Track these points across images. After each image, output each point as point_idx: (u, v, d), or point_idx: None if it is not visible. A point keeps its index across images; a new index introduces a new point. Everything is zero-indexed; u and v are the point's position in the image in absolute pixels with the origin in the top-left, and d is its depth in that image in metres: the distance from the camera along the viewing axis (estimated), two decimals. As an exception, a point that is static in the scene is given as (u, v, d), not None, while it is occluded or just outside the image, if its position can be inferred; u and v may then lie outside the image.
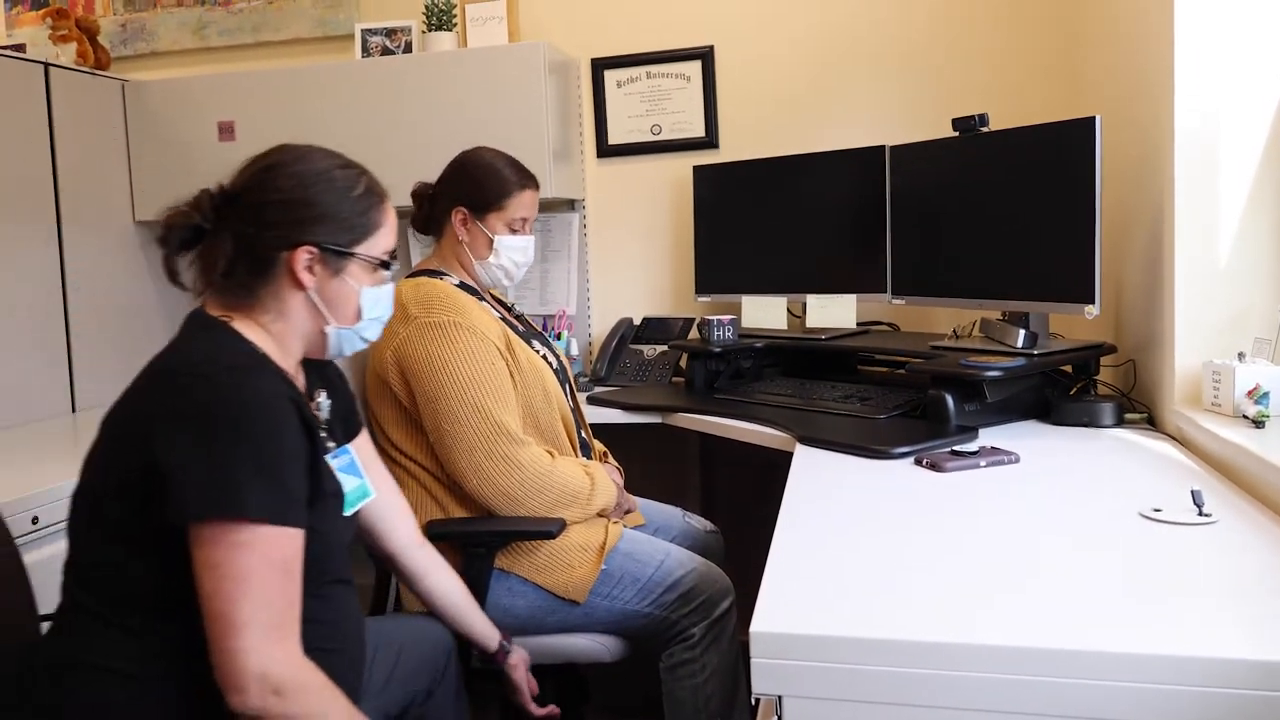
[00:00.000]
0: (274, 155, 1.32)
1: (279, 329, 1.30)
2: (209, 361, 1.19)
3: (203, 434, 1.12)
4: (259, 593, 1.10)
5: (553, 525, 1.75)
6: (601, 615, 1.79)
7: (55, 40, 2.93)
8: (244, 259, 1.26)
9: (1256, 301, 1.78)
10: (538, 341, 2.01)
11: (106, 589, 1.18)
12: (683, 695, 1.77)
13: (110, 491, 1.17)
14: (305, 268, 1.28)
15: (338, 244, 1.30)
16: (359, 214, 1.33)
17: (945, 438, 1.78)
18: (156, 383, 1.20)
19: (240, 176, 1.30)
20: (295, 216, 1.27)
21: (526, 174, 2.02)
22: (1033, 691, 0.93)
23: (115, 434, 1.21)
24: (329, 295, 1.31)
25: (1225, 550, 1.19)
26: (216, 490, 1.10)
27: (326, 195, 1.30)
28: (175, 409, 1.14)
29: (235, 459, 1.11)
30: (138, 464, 1.13)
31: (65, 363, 2.65)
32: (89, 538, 1.21)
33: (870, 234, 2.40)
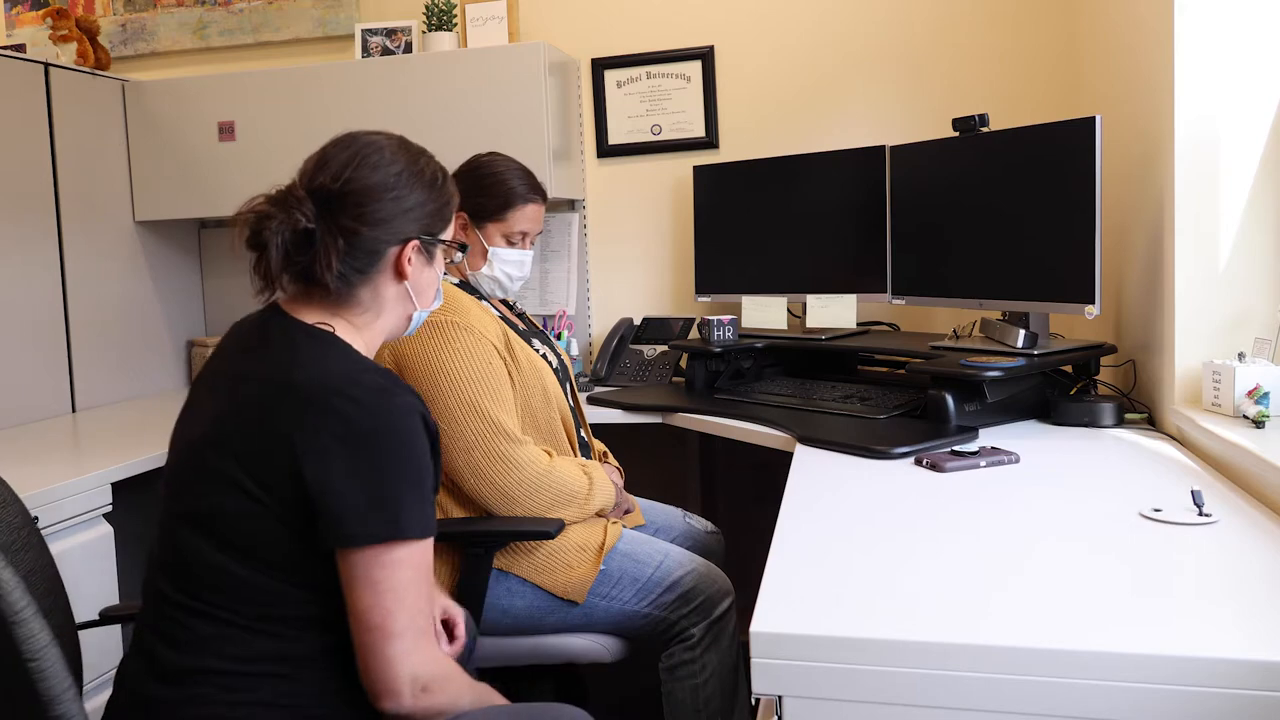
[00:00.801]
0: (366, 152, 1.29)
1: (373, 325, 1.32)
2: (352, 383, 1.18)
3: (356, 459, 1.14)
4: (412, 602, 1.16)
5: (551, 525, 1.75)
6: (600, 615, 1.78)
7: (55, 40, 2.94)
8: (354, 257, 1.26)
9: (1256, 301, 1.78)
10: (538, 340, 2.01)
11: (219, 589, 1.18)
12: (682, 696, 1.77)
13: (241, 511, 1.16)
14: (408, 260, 1.30)
15: (434, 233, 1.34)
16: (444, 202, 1.36)
17: (945, 438, 1.78)
18: (290, 401, 1.17)
19: (330, 171, 1.27)
20: (401, 211, 1.29)
21: (534, 187, 2.00)
22: (1032, 691, 0.93)
23: (239, 452, 1.16)
24: (419, 282, 1.35)
25: (1225, 550, 1.19)
26: (375, 515, 1.14)
27: (422, 187, 1.32)
28: (325, 432, 1.14)
29: (389, 481, 1.15)
30: (280, 486, 1.14)
31: (65, 363, 2.65)
32: (207, 548, 1.18)
33: (870, 234, 2.40)
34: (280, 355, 1.23)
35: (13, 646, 1.02)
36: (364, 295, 1.30)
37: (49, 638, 1.04)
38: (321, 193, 1.26)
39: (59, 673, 1.04)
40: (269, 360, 1.23)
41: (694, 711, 1.77)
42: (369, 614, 1.14)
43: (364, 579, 1.14)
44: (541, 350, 1.97)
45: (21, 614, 1.02)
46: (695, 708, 1.77)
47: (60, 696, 1.05)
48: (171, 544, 1.21)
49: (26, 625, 1.02)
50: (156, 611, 1.21)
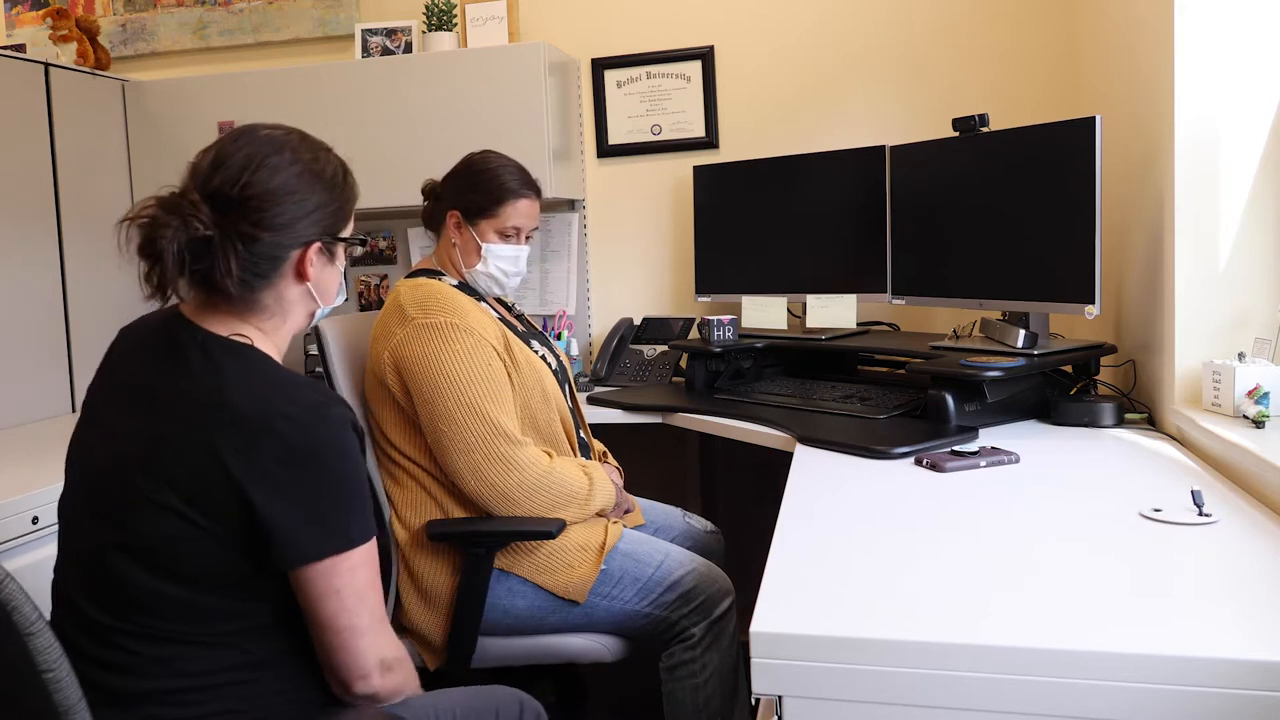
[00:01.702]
0: (264, 153, 1.24)
1: (280, 329, 1.29)
2: (288, 402, 1.16)
3: (301, 481, 1.14)
4: (371, 597, 1.21)
5: (552, 525, 1.75)
6: (601, 615, 1.78)
7: (55, 40, 2.94)
8: (255, 261, 1.22)
9: (1256, 302, 1.78)
10: (537, 341, 2.01)
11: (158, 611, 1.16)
12: (682, 695, 1.77)
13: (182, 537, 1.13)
14: (310, 262, 1.27)
15: (335, 233, 1.30)
16: (345, 200, 1.32)
17: (945, 438, 1.78)
18: (226, 427, 1.13)
19: (226, 173, 1.22)
20: (303, 214, 1.24)
21: (526, 182, 1.99)
22: (1032, 691, 0.93)
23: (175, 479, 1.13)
24: (322, 282, 1.31)
25: (1225, 550, 1.19)
26: (326, 533, 1.16)
27: (323, 188, 1.27)
28: (267, 458, 1.13)
29: (334, 498, 1.17)
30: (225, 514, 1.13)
31: (65, 363, 2.65)
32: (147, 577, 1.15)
33: (870, 234, 2.40)
34: (205, 374, 1.18)
35: (28, 658, 1.01)
36: (268, 299, 1.26)
37: (61, 649, 1.04)
38: (218, 197, 1.21)
39: (72, 683, 1.04)
40: (193, 379, 1.18)
41: (694, 711, 1.77)
42: (335, 619, 1.18)
43: (324, 591, 1.17)
44: (540, 352, 1.97)
45: (35, 625, 1.02)
46: (695, 707, 1.77)
47: (74, 707, 1.04)
48: (102, 574, 1.16)
49: (41, 637, 1.02)
50: (92, 640, 1.17)
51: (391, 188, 2.74)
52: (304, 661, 1.23)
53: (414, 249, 3.02)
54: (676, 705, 1.78)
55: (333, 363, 1.92)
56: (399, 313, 1.80)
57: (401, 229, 3.06)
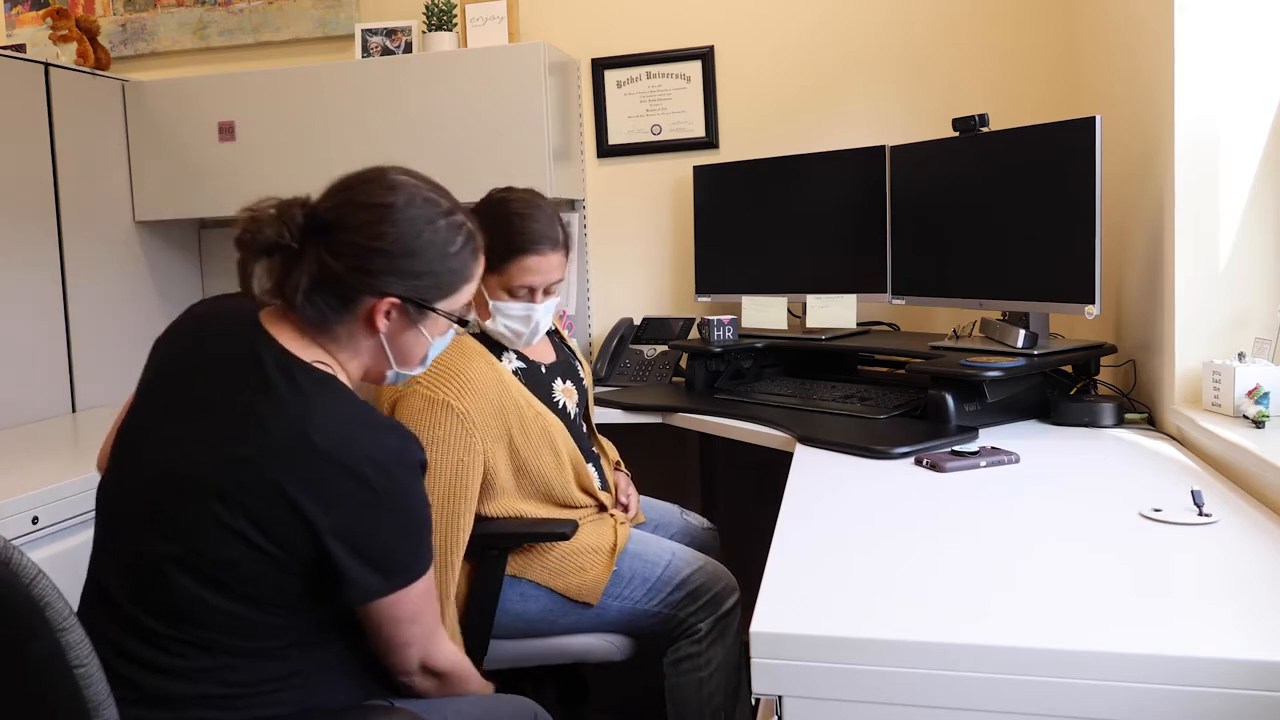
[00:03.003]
0: (379, 190, 1.23)
1: (349, 365, 1.27)
2: (373, 446, 1.16)
3: (378, 525, 1.16)
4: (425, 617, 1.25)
5: (566, 527, 1.75)
6: (613, 615, 1.79)
7: (55, 40, 2.94)
8: (325, 290, 1.21)
9: (1256, 302, 1.78)
10: (561, 378, 1.91)
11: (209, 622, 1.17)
12: (686, 690, 1.78)
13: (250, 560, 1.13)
14: (383, 315, 1.24)
15: (424, 299, 1.26)
16: (452, 271, 1.28)
17: (945, 438, 1.78)
18: (313, 468, 1.13)
19: (334, 202, 1.23)
20: (390, 267, 1.22)
21: (537, 235, 1.77)
22: (1032, 691, 0.93)
23: (253, 510, 1.13)
24: (399, 342, 1.28)
25: (1225, 550, 1.19)
26: (396, 572, 1.19)
27: (428, 251, 1.24)
28: (349, 501, 1.14)
29: (406, 539, 1.20)
30: (299, 548, 1.13)
31: (65, 363, 2.66)
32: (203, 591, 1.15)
33: (870, 234, 2.40)
34: (293, 405, 1.16)
35: (61, 654, 1.02)
36: (340, 333, 1.24)
37: (90, 646, 1.04)
38: (317, 217, 1.22)
39: (101, 680, 1.04)
40: (281, 409, 1.16)
41: (697, 706, 1.77)
42: (391, 638, 1.24)
43: (384, 619, 1.21)
44: (559, 399, 1.87)
45: (67, 621, 1.02)
46: (699, 701, 1.77)
47: (104, 703, 1.05)
48: (155, 581, 1.16)
49: (74, 632, 1.02)
50: (138, 637, 1.17)
51: (391, 188, 2.73)
52: (341, 670, 1.25)
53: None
54: (680, 699, 1.78)
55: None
56: None
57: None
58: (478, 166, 2.66)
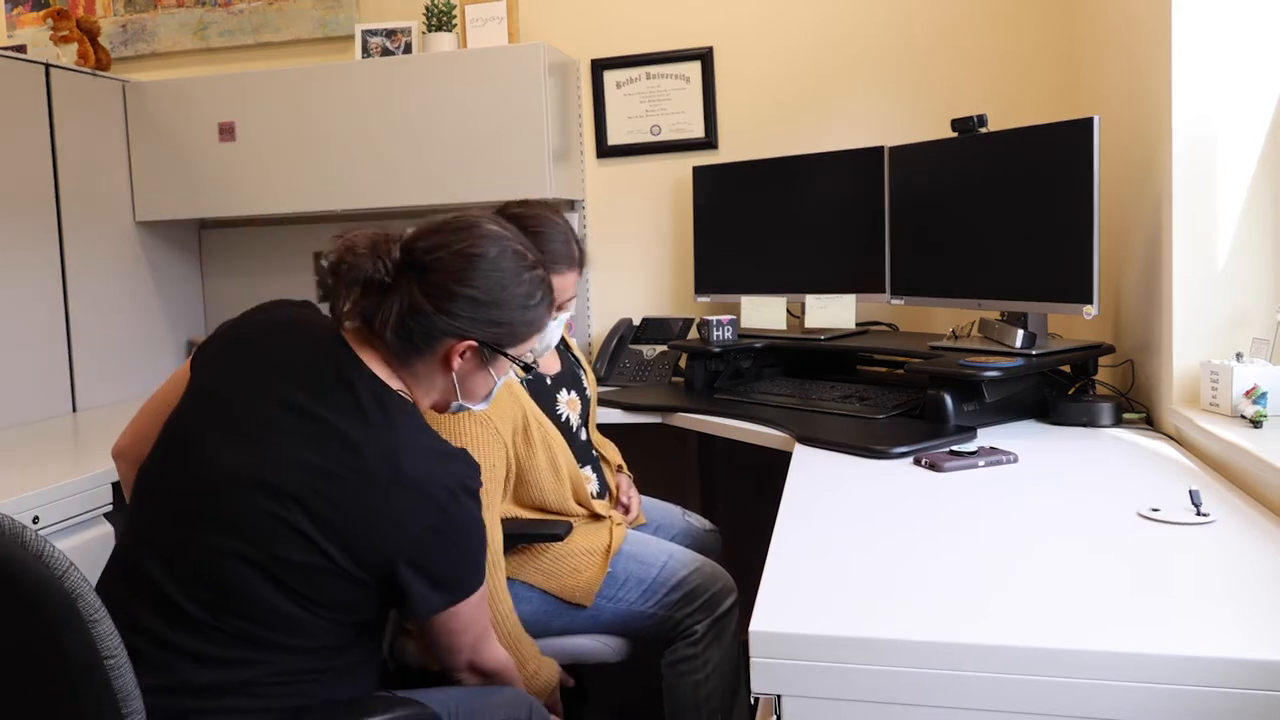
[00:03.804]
0: (470, 238, 1.30)
1: (422, 396, 1.34)
2: (447, 475, 1.23)
3: (446, 550, 1.23)
4: (475, 626, 1.34)
5: (560, 528, 1.75)
6: (607, 617, 1.79)
7: (56, 41, 2.94)
8: (411, 327, 1.27)
9: (1254, 302, 1.78)
10: (566, 388, 1.92)
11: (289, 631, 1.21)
12: (683, 692, 1.78)
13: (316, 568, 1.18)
14: (460, 356, 1.30)
15: (499, 344, 1.33)
16: (529, 323, 1.35)
17: (944, 437, 1.79)
18: (397, 494, 1.19)
19: (429, 243, 1.29)
20: (476, 313, 1.28)
21: (556, 255, 1.77)
22: (1031, 691, 0.93)
23: (330, 523, 1.17)
24: (469, 381, 1.35)
25: (1223, 550, 1.19)
26: (455, 589, 1.27)
27: (511, 302, 1.31)
28: (422, 527, 1.20)
29: (467, 560, 1.28)
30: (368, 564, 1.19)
31: (65, 363, 2.66)
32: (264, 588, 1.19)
33: (869, 234, 2.41)
34: (381, 427, 1.22)
35: (91, 645, 1.04)
36: (419, 367, 1.31)
37: (119, 637, 1.06)
38: (413, 256, 1.28)
39: (129, 669, 1.06)
40: (370, 430, 1.22)
41: (695, 707, 1.77)
42: (449, 644, 1.34)
43: (444, 629, 1.31)
44: (563, 412, 1.88)
45: (98, 613, 1.04)
46: (696, 703, 1.77)
47: (131, 693, 1.06)
48: (210, 574, 1.19)
49: (104, 623, 1.04)
50: (170, 622, 1.19)
51: (391, 188, 2.74)
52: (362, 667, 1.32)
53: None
54: (677, 701, 1.78)
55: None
56: None
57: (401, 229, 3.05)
58: (478, 167, 2.66)
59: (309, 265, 3.15)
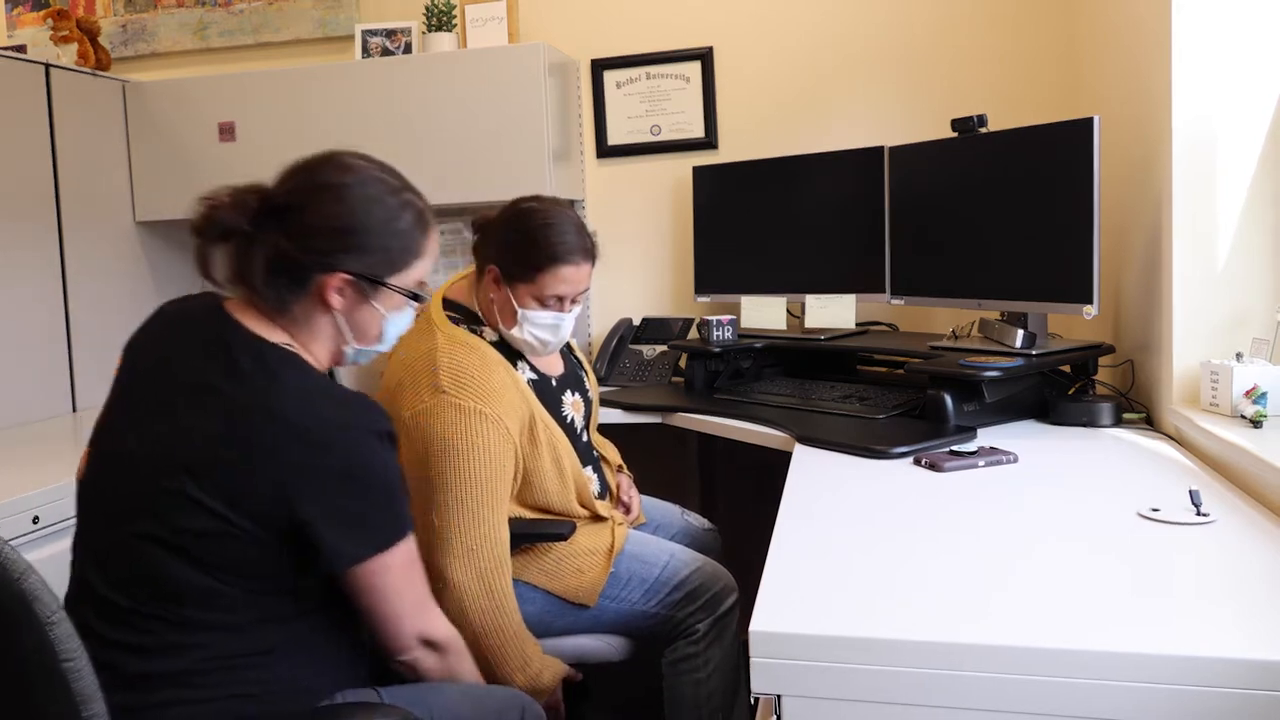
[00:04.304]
0: (327, 171, 1.28)
1: (315, 347, 1.32)
2: (340, 415, 1.21)
3: (347, 493, 1.20)
4: (409, 588, 1.28)
5: (563, 528, 1.75)
6: (610, 617, 1.79)
7: (56, 41, 2.94)
8: (280, 271, 1.26)
9: (1254, 302, 1.78)
10: (569, 390, 1.92)
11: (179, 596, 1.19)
12: (684, 691, 1.78)
13: (223, 535, 1.17)
14: (336, 291, 1.28)
15: (374, 274, 1.30)
16: (401, 246, 1.31)
17: (944, 437, 1.79)
18: (282, 440, 1.17)
19: (288, 186, 1.28)
20: (339, 244, 1.26)
21: (570, 248, 1.78)
22: (1031, 691, 0.93)
23: (224, 485, 1.16)
24: (354, 318, 1.32)
25: (1223, 550, 1.19)
26: (368, 538, 1.23)
27: (374, 225, 1.28)
28: (319, 471, 1.18)
29: (375, 505, 1.23)
30: (272, 520, 1.17)
31: (65, 363, 2.66)
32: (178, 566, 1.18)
33: (869, 234, 2.41)
34: (261, 382, 1.21)
35: (50, 648, 1.02)
36: (298, 313, 1.29)
37: (79, 639, 1.05)
38: (270, 201, 1.26)
39: (90, 673, 1.05)
40: (249, 386, 1.20)
41: (695, 706, 1.77)
42: (378, 609, 1.26)
43: (366, 587, 1.24)
44: (568, 415, 1.88)
45: (56, 615, 1.03)
46: (697, 702, 1.77)
47: (93, 696, 1.05)
48: (129, 560, 1.19)
49: (61, 626, 1.03)
50: (111, 624, 1.20)
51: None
52: (315, 655, 1.26)
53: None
54: (678, 700, 1.79)
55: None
56: (430, 377, 1.69)
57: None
58: (478, 167, 2.66)
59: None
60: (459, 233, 2.99)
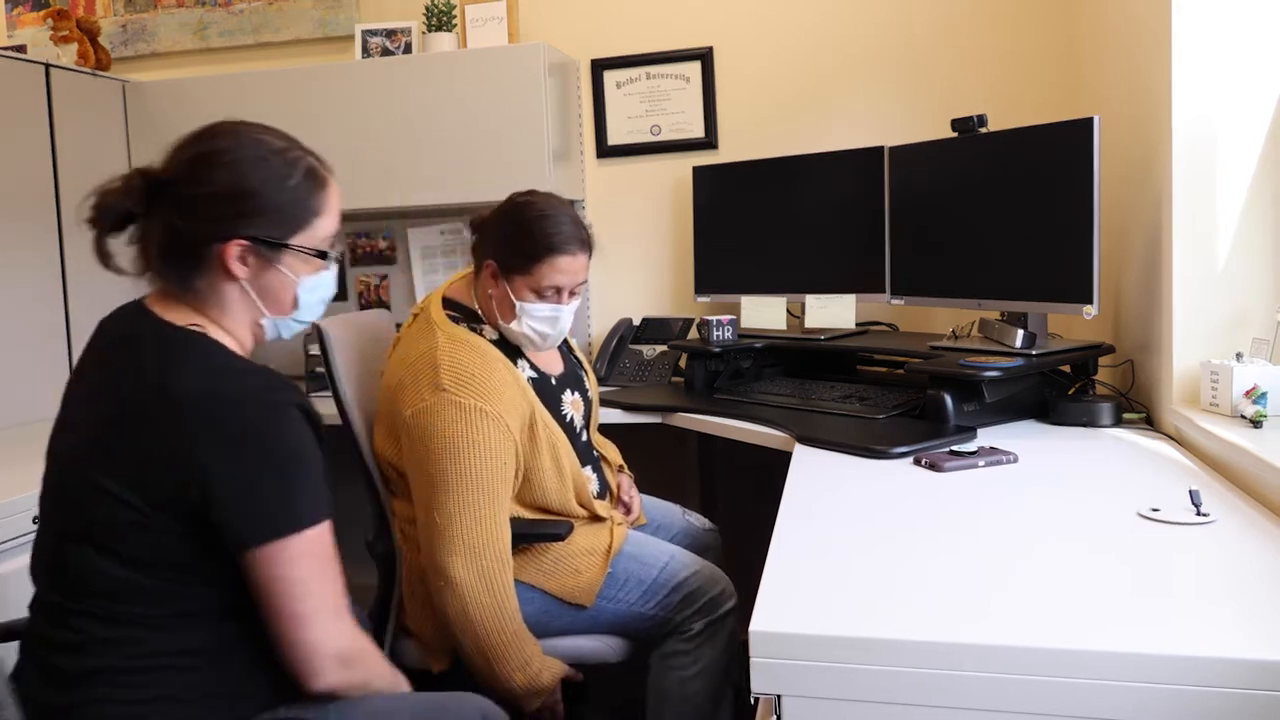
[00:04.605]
0: (207, 140, 1.25)
1: (231, 325, 1.27)
2: (227, 386, 1.17)
3: (242, 465, 1.15)
4: (318, 587, 1.18)
5: (561, 528, 1.75)
6: (607, 617, 1.79)
7: (56, 41, 2.94)
8: (176, 249, 1.23)
9: (1254, 302, 1.78)
10: (569, 389, 1.92)
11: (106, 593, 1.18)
12: (668, 686, 1.76)
13: (133, 524, 1.15)
14: (237, 260, 1.23)
15: (271, 236, 1.24)
16: (295, 204, 1.26)
17: (944, 437, 1.79)
18: (168, 414, 1.15)
19: (172, 161, 1.25)
20: (228, 210, 1.22)
21: (566, 238, 1.79)
22: (1031, 691, 0.93)
23: (123, 470, 1.15)
24: (263, 286, 1.27)
25: (1223, 550, 1.19)
26: (268, 516, 1.16)
27: (261, 186, 1.23)
28: (208, 443, 1.14)
29: (277, 481, 1.16)
30: (171, 502, 1.14)
31: (66, 363, 2.66)
32: (99, 560, 1.17)
33: (869, 234, 2.41)
34: (153, 362, 1.19)
35: None
36: (205, 290, 1.25)
37: None
38: (158, 181, 1.23)
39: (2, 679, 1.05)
40: (141, 368, 1.19)
41: (678, 702, 1.76)
42: (281, 606, 1.16)
43: (268, 576, 1.16)
44: (568, 413, 1.89)
45: None
46: (679, 699, 1.76)
47: (4, 702, 1.06)
48: (60, 559, 1.20)
49: None
50: (49, 623, 1.20)
51: (391, 188, 2.74)
52: (247, 661, 1.22)
53: (414, 249, 3.03)
54: (660, 694, 1.77)
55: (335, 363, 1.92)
56: (432, 374, 1.69)
57: (401, 229, 3.06)
58: (478, 167, 2.66)
59: (309, 265, 3.14)
60: (459, 233, 2.99)
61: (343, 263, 3.11)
